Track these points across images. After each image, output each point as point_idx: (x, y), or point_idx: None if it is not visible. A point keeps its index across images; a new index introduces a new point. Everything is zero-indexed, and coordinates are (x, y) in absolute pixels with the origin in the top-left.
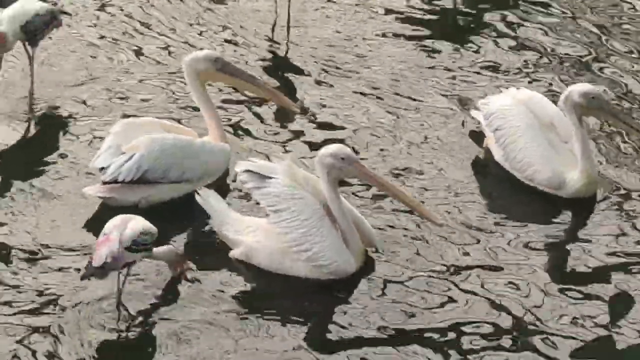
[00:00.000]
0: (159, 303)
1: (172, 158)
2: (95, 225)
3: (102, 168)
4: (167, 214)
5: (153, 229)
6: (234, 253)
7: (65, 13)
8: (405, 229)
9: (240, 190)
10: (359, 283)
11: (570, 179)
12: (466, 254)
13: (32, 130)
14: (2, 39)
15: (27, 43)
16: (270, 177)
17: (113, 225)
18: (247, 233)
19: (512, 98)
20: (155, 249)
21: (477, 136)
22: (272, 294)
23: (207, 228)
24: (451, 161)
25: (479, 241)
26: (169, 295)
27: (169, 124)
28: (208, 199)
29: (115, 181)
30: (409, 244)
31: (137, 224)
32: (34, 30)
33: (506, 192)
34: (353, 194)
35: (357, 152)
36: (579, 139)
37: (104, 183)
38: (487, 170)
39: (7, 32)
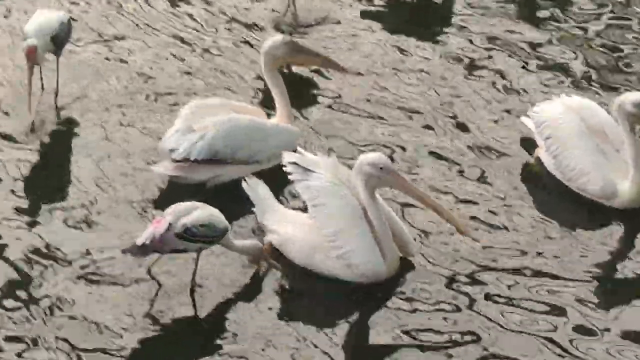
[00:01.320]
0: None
1: (243, 138)
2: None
3: (172, 149)
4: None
5: (216, 223)
6: (270, 238)
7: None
8: (444, 237)
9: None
10: (390, 289)
11: (622, 189)
12: (513, 262)
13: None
14: (33, 51)
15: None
16: (314, 171)
17: (173, 209)
18: (286, 225)
19: (563, 105)
20: (238, 242)
21: (528, 144)
22: (301, 292)
23: (249, 216)
24: (500, 169)
25: (525, 252)
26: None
27: (238, 105)
28: (255, 187)
29: (186, 160)
30: (448, 252)
31: (200, 214)
32: (62, 40)
33: (556, 201)
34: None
35: (393, 160)
36: (631, 147)
37: (175, 162)
38: (537, 179)
39: (38, 45)
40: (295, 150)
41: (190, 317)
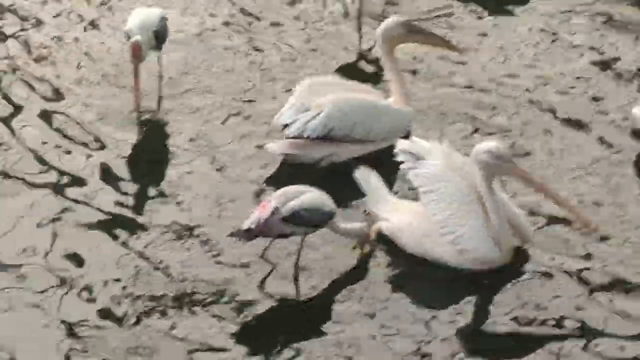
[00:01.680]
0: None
1: (358, 117)
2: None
3: (286, 125)
4: (324, 184)
5: (324, 207)
6: (381, 225)
7: None
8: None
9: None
10: (504, 277)
11: None
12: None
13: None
14: (138, 49)
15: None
16: (426, 159)
17: (280, 193)
18: (397, 213)
19: None
20: (344, 225)
21: None
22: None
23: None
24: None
25: None
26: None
27: (353, 84)
28: (367, 177)
29: (299, 137)
30: (571, 245)
31: (307, 198)
32: (163, 35)
33: None
34: None
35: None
36: None
37: (288, 139)
38: None
39: (142, 42)
40: (410, 132)
41: (295, 301)
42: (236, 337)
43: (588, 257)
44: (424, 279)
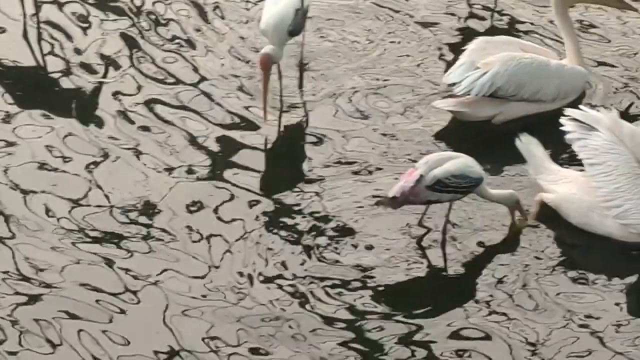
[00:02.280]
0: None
1: (527, 76)
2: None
3: (454, 84)
4: (484, 151)
5: (471, 172)
6: (546, 196)
7: None
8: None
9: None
10: None
11: None
12: None
13: None
14: (266, 62)
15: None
16: (593, 129)
17: (426, 160)
18: (562, 184)
19: None
20: (493, 191)
21: None
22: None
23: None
24: None
25: None
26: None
27: (527, 44)
28: (529, 145)
29: (467, 94)
30: None
31: (452, 165)
32: (299, 29)
33: None
34: None
35: None
36: None
37: (456, 96)
38: None
39: (273, 52)
40: (584, 93)
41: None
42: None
43: None
44: (587, 253)
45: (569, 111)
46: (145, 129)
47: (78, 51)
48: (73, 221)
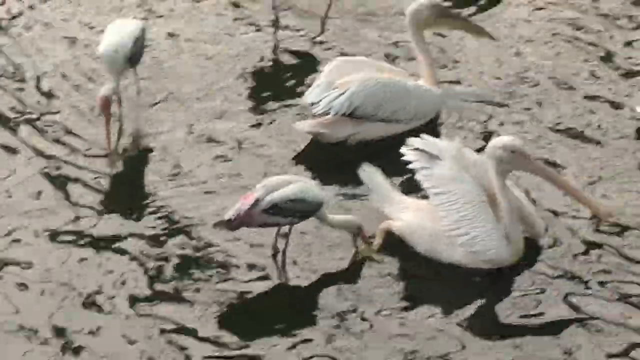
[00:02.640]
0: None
1: (384, 96)
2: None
3: (313, 103)
4: (327, 178)
5: (310, 197)
6: (393, 225)
7: None
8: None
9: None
10: (514, 273)
11: None
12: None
13: None
14: (105, 104)
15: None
16: (437, 158)
17: (264, 184)
18: (408, 212)
19: None
20: (332, 217)
21: None
22: (422, 276)
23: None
24: None
25: None
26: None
27: (384, 65)
28: (372, 174)
29: (326, 115)
30: (574, 241)
31: (290, 189)
32: (138, 58)
33: None
34: None
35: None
36: None
37: (315, 116)
38: None
39: (109, 92)
40: (438, 114)
41: (283, 297)
42: (223, 326)
43: (602, 248)
44: (432, 277)
45: (412, 140)
46: None
47: None
48: None
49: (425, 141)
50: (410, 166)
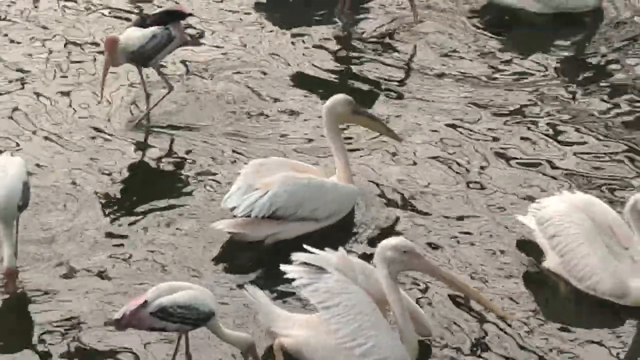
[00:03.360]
0: None
1: (305, 196)
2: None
3: (233, 208)
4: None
5: (200, 305)
6: (283, 341)
7: None
8: (465, 319)
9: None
10: None
11: (634, 287)
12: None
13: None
14: (13, 273)
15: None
16: (323, 272)
17: (157, 287)
18: (298, 328)
19: (568, 203)
20: (226, 331)
21: (527, 244)
22: None
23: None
24: (501, 269)
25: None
26: None
27: (297, 164)
28: (256, 295)
29: (247, 216)
30: (468, 334)
31: (181, 295)
32: (27, 202)
33: (565, 301)
34: None
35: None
36: None
37: (235, 218)
38: (542, 279)
39: (12, 263)
40: (353, 209)
41: None
42: None
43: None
44: None
45: (296, 255)
46: None
47: None
48: None
49: (309, 255)
50: (294, 284)
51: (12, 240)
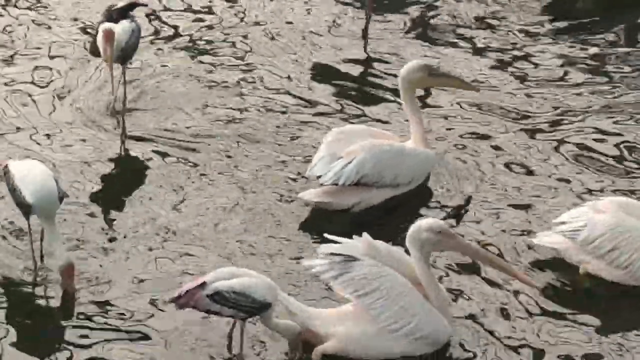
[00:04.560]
0: None
1: (388, 163)
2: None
3: (319, 176)
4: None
5: (254, 295)
6: (325, 348)
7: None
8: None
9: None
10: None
11: None
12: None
13: None
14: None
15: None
16: (352, 260)
17: (218, 271)
18: (337, 324)
19: (611, 212)
20: (276, 320)
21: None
22: None
23: None
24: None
25: None
26: None
27: (374, 130)
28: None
29: (335, 184)
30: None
31: (238, 281)
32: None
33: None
34: None
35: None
36: None
37: (322, 187)
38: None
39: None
40: (429, 174)
41: None
42: None
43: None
44: None
45: (323, 248)
46: None
47: None
48: None
49: (335, 245)
50: (322, 277)
51: (60, 235)
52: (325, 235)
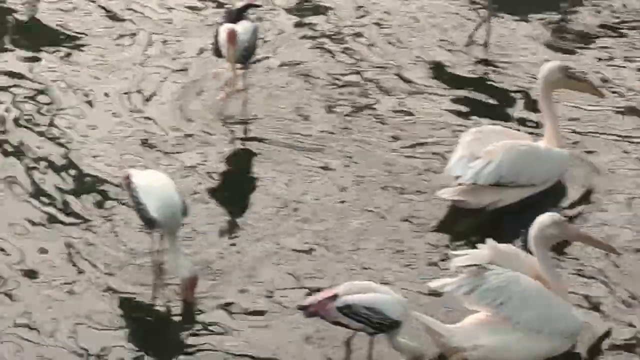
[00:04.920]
0: None
1: (525, 163)
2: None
3: (459, 176)
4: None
5: (385, 311)
6: (471, 356)
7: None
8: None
9: None
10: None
11: None
12: None
13: None
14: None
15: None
16: (482, 271)
17: (349, 283)
18: (481, 335)
19: None
20: (401, 340)
21: None
22: None
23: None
24: None
25: None
26: None
27: (509, 131)
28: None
29: (473, 184)
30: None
31: (369, 296)
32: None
33: None
34: None
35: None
36: None
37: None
38: None
39: (193, 272)
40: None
41: None
42: None
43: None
44: None
45: (455, 261)
46: None
47: None
48: None
49: (466, 256)
50: (455, 294)
51: (182, 248)
52: (451, 252)
